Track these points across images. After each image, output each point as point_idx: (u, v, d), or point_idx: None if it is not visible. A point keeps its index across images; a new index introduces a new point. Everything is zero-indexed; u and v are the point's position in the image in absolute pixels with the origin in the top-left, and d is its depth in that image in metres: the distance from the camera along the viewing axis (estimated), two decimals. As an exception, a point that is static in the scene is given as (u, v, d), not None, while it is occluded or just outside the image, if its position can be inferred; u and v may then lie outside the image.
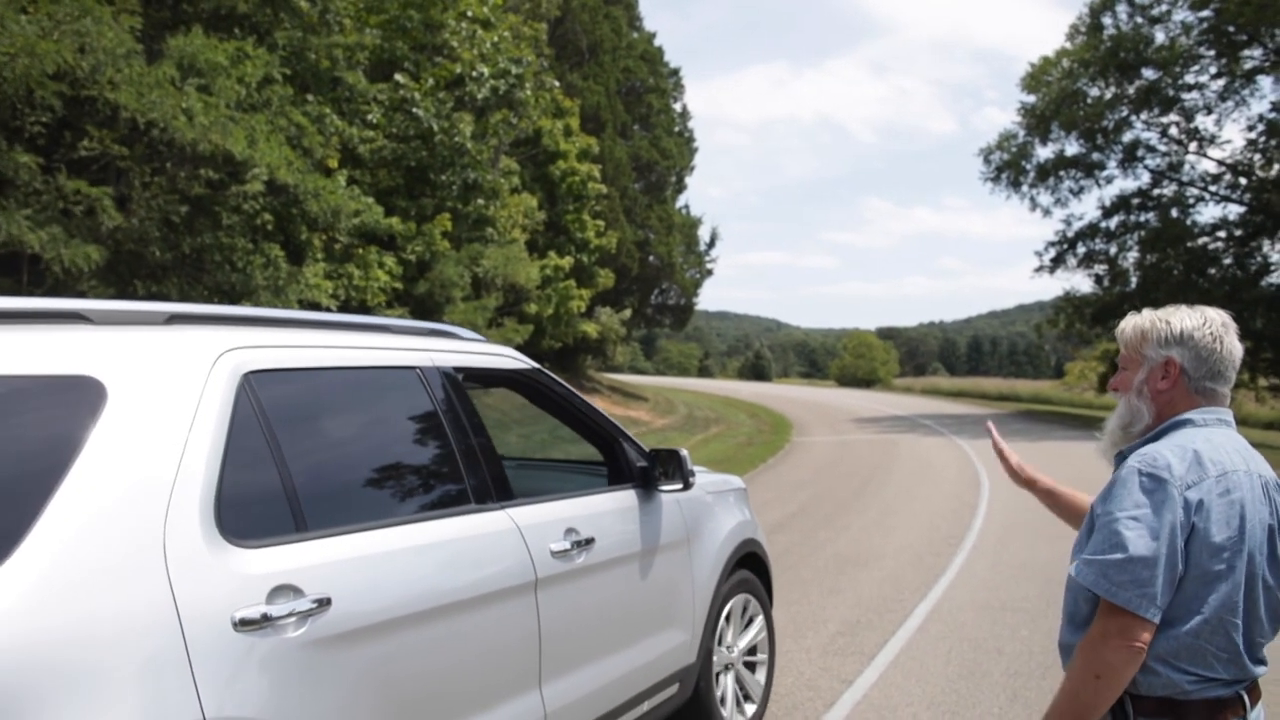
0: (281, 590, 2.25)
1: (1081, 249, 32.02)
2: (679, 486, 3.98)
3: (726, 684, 4.39)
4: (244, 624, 2.14)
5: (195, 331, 2.48)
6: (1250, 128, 28.73)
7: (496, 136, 19.48)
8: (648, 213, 35.56)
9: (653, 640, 3.79)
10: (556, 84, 24.71)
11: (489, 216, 19.60)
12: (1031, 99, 31.28)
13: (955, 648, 5.92)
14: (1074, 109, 29.49)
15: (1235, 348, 2.15)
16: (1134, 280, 30.87)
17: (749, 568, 4.67)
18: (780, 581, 7.72)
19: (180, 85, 11.20)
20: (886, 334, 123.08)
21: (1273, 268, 29.55)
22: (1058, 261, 32.39)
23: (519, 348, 22.35)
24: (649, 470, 3.97)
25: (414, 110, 16.88)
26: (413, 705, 2.58)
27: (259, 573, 2.23)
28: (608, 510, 3.68)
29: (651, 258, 35.90)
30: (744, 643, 4.56)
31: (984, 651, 5.83)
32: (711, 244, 42.07)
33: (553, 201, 25.60)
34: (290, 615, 2.24)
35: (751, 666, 4.63)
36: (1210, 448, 2.04)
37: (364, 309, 15.39)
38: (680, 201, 40.57)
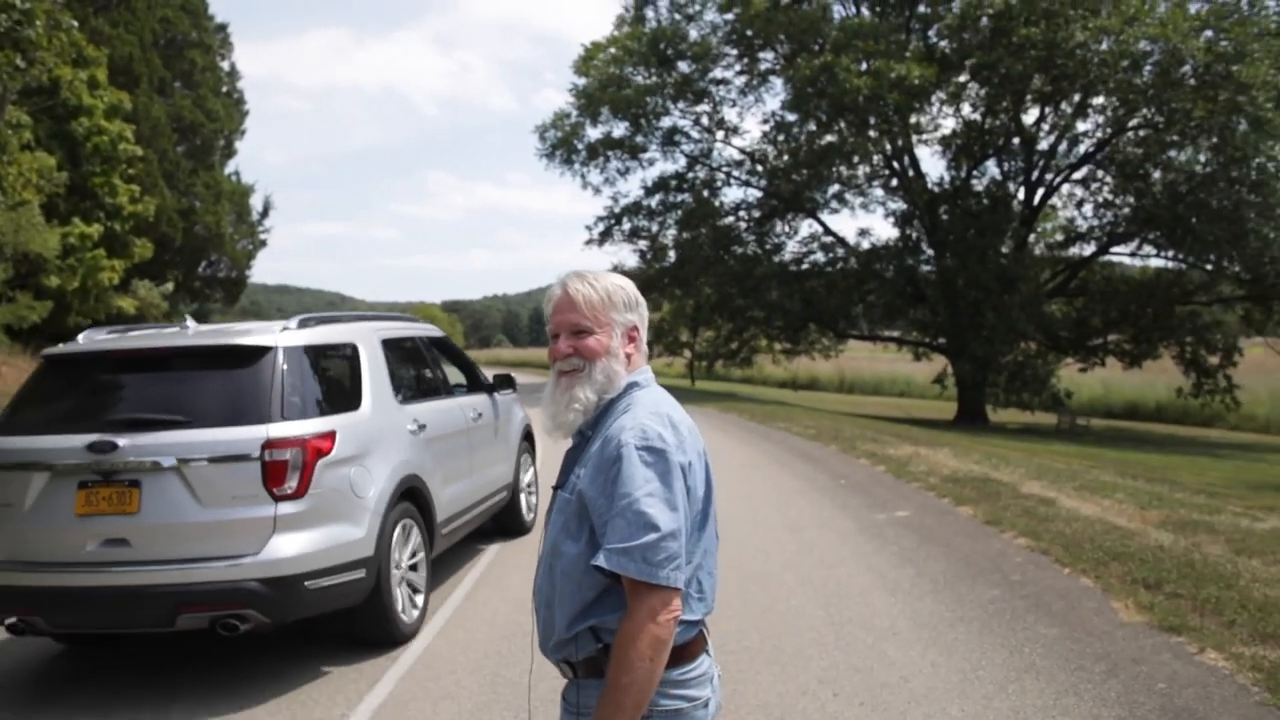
0: (414, 420, 6.06)
1: (627, 225, 34.39)
2: (511, 392, 8.36)
3: (523, 500, 8.55)
4: (410, 432, 5.95)
5: (370, 323, 6.24)
6: (765, 121, 32.59)
7: (0, 82, 16.93)
8: (192, 178, 32.85)
9: (499, 468, 7.82)
10: (75, 25, 21.98)
11: (-8, 175, 17.06)
12: (583, 81, 32.89)
13: (500, 610, 6.19)
14: (620, 93, 31.43)
15: None
16: (672, 255, 33.75)
17: (528, 439, 8.80)
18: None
19: None
20: (452, 307, 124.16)
21: (783, 247, 33.78)
22: (606, 236, 34.54)
23: (34, 326, 19.51)
24: (492, 385, 7.94)
25: (-115, 44, 14.20)
26: (447, 468, 6.47)
27: (409, 413, 6.05)
28: (481, 402, 7.59)
29: (198, 227, 33.21)
30: (527, 479, 8.80)
31: (526, 611, 6.12)
32: (265, 213, 39.89)
33: (76, 162, 22.80)
34: (419, 429, 6.06)
35: (530, 492, 8.86)
36: (671, 407, 2.11)
37: None
38: (230, 167, 37.96)
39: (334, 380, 5.55)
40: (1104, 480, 11.29)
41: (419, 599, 5.81)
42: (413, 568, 5.76)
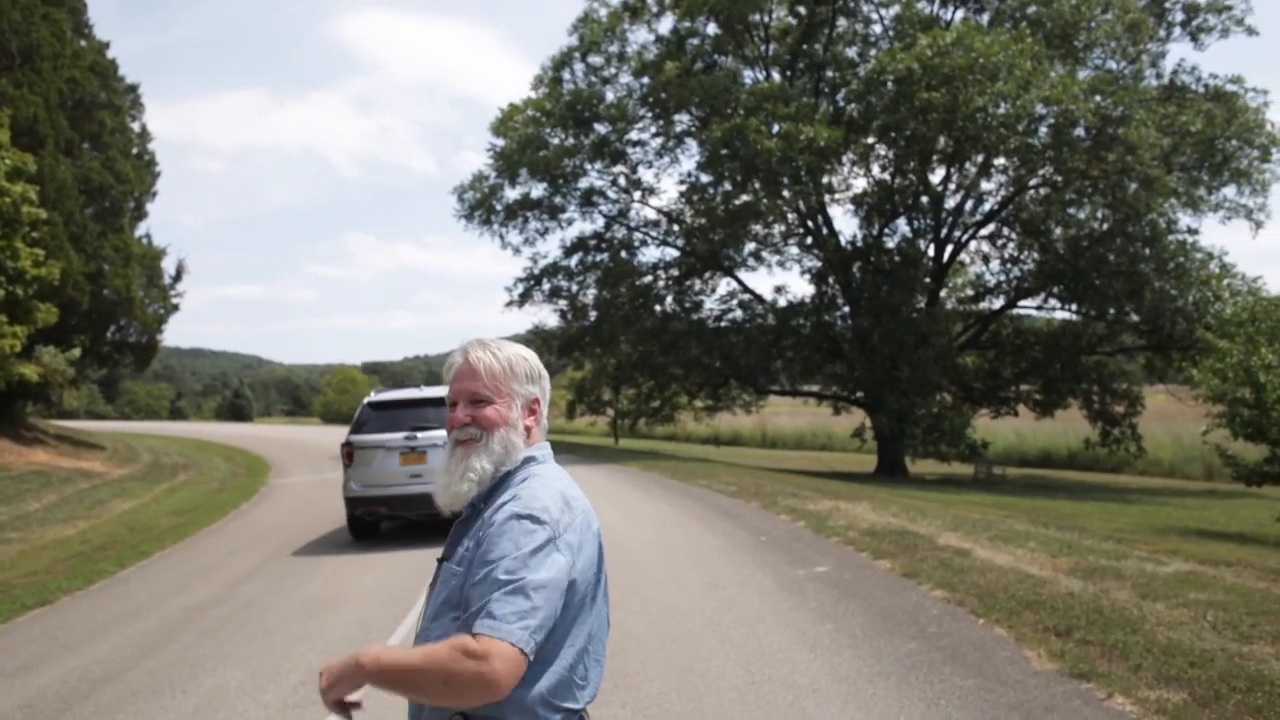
0: None
1: (547, 285, 34.35)
2: None
3: None
4: None
5: None
6: (681, 182, 33.03)
7: (-106, 146, 16.42)
8: (100, 241, 32.01)
9: None
10: (-23, 90, 21.46)
11: (-115, 241, 16.44)
12: (501, 142, 32.96)
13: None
14: (538, 154, 31.56)
15: None
16: (592, 315, 33.81)
17: None
18: (243, 634, 7.38)
19: None
20: (372, 368, 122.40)
21: (702, 305, 34.13)
22: (525, 297, 34.42)
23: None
24: None
25: None
26: None
27: None
28: None
29: (106, 291, 32.33)
30: None
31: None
32: (178, 277, 38.99)
33: (-25, 225, 22.07)
34: None
35: None
36: (567, 485, 2.06)
37: None
38: (141, 229, 37.15)
39: None
40: (1017, 529, 11.53)
41: None
42: None
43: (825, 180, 29.92)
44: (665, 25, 32.58)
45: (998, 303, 32.88)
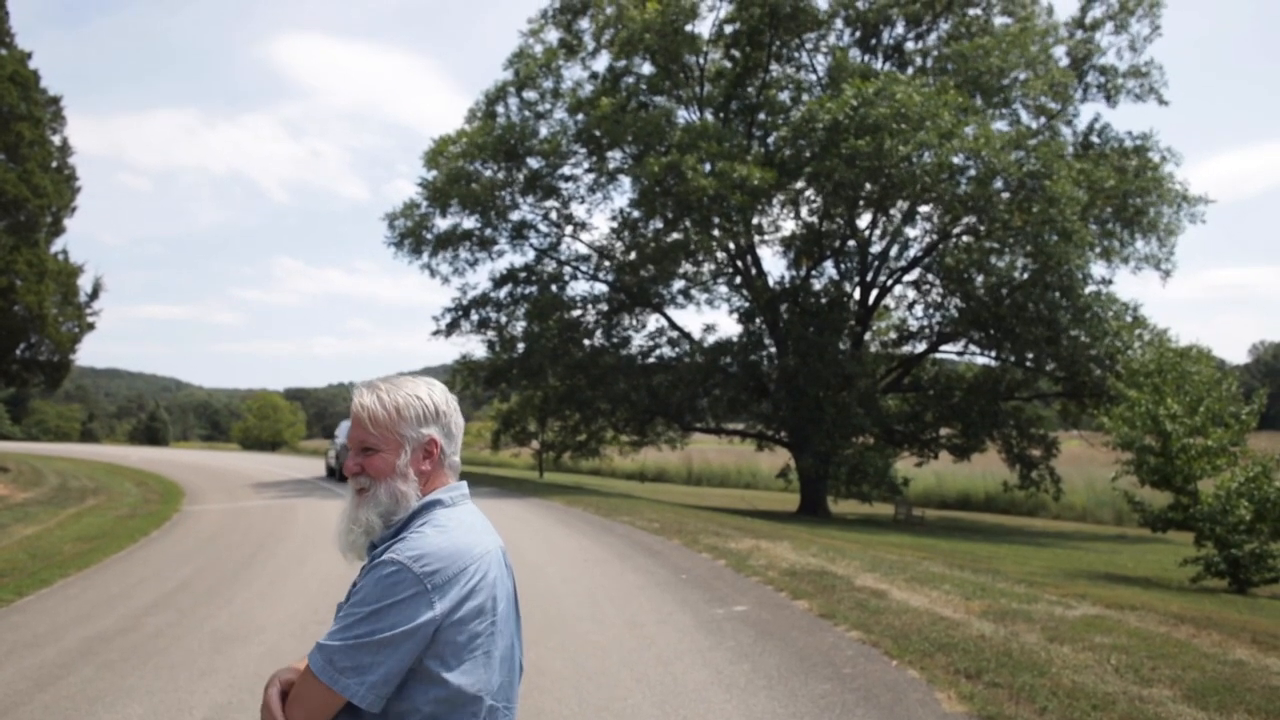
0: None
1: (475, 316, 34.20)
2: None
3: None
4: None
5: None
6: (613, 218, 33.17)
7: None
8: (13, 255, 31.10)
9: None
10: (-111, 97, 20.76)
11: None
12: (432, 174, 32.80)
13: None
14: (469, 186, 31.47)
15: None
16: (520, 347, 33.66)
17: None
18: (146, 668, 7.16)
19: None
20: (295, 395, 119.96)
21: (631, 340, 34.24)
22: (453, 327, 34.22)
23: None
24: None
25: None
26: None
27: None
28: None
29: (17, 307, 31.35)
30: None
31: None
32: (94, 295, 37.90)
33: (-120, 235, 21.29)
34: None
35: None
36: (465, 532, 2.01)
37: None
38: (58, 245, 36.06)
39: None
40: (933, 571, 11.72)
41: None
42: None
43: (755, 221, 30.36)
44: (601, 63, 32.98)
45: (920, 347, 33.62)
